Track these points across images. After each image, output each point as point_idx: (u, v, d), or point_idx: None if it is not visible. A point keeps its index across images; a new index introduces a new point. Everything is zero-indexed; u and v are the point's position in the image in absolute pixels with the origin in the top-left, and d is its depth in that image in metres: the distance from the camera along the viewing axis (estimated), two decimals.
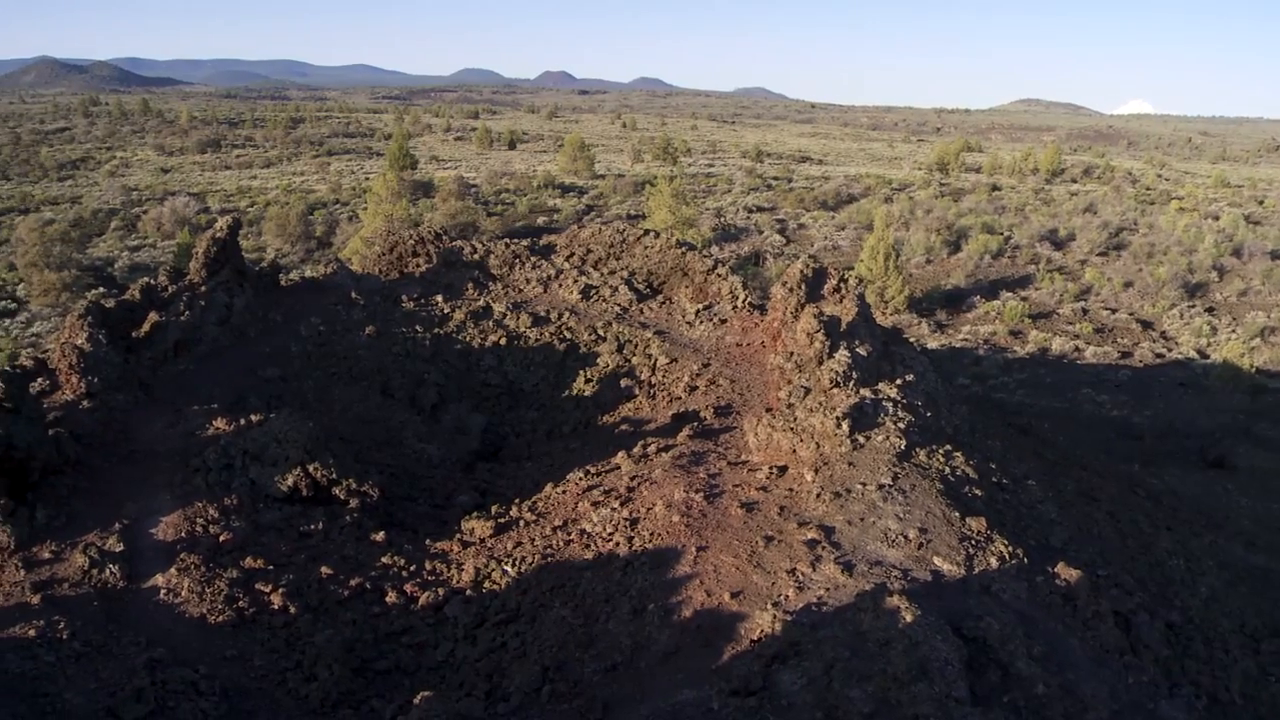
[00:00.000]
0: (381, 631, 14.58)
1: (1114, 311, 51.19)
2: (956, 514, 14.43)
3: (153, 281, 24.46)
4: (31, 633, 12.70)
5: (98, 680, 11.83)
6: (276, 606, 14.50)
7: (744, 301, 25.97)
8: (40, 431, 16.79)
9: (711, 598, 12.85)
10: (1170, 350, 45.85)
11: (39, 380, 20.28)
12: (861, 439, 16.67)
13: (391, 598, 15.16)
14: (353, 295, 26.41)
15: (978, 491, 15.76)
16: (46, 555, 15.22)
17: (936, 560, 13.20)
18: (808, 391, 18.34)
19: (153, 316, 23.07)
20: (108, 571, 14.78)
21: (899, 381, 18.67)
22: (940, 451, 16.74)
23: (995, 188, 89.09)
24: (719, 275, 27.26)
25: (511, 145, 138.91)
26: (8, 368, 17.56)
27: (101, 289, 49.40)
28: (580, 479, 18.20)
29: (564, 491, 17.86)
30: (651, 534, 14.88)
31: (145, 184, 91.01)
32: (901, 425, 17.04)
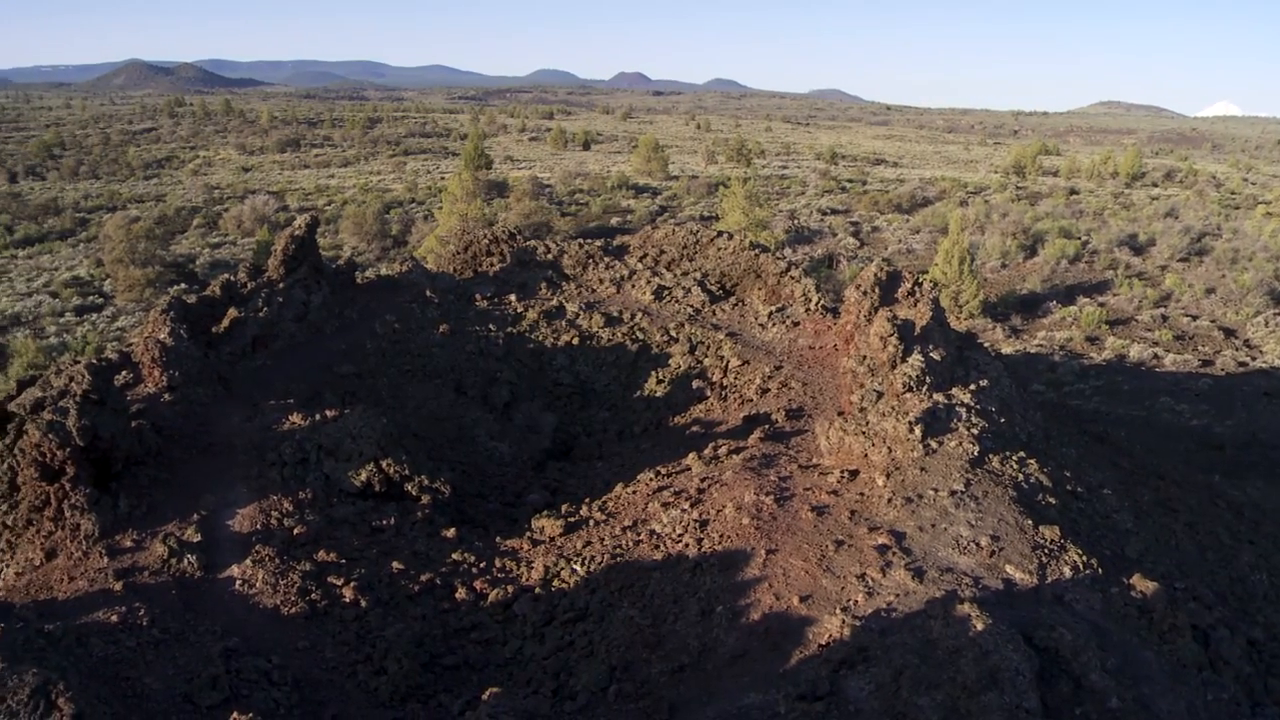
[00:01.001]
0: (450, 627, 14.71)
1: (1195, 318, 50.16)
2: (1029, 522, 14.25)
3: (233, 278, 24.89)
4: (114, 618, 13.02)
5: (175, 667, 12.08)
6: (348, 600, 14.69)
7: (817, 304, 25.86)
8: (124, 423, 17.18)
9: (780, 601, 12.82)
10: (1254, 359, 44.79)
11: (123, 373, 20.74)
12: (934, 444, 16.53)
13: (461, 594, 15.29)
14: (427, 293, 26.68)
15: (1051, 500, 15.54)
16: (128, 544, 15.58)
17: (1008, 568, 13.06)
18: (880, 395, 18.22)
19: (232, 312, 23.49)
20: (186, 561, 15.08)
21: (973, 387, 18.47)
22: (1014, 458, 16.53)
23: (1073, 191, 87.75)
24: (792, 277, 27.17)
25: (586, 146, 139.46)
26: (94, 361, 17.93)
27: (183, 285, 50.44)
28: (650, 479, 18.23)
29: (634, 492, 17.90)
30: (721, 536, 14.87)
31: (226, 182, 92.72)
32: (975, 431, 16.87)
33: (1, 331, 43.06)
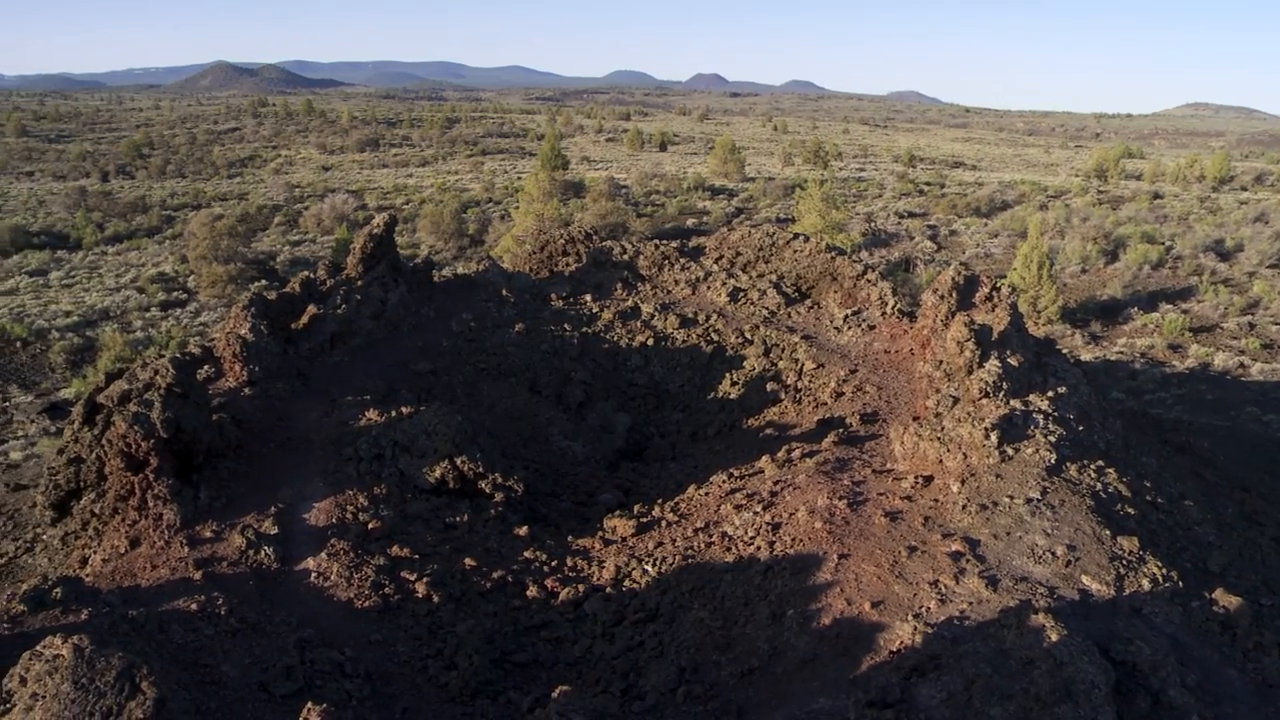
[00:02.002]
0: (521, 624, 14.83)
1: None
2: (1107, 532, 14.03)
3: (312, 275, 25.29)
4: (193, 606, 13.31)
5: (251, 656, 12.32)
6: (421, 595, 14.87)
7: (893, 308, 25.67)
8: (205, 416, 17.55)
9: (851, 606, 12.76)
10: None
11: (205, 368, 21.19)
12: (1010, 451, 16.34)
13: (532, 592, 15.40)
14: (503, 292, 26.89)
15: (1130, 510, 15.29)
16: (208, 534, 15.91)
17: (1085, 579, 12.87)
18: (956, 401, 18.06)
19: (311, 309, 23.86)
20: (263, 553, 15.37)
21: (1050, 394, 18.23)
22: (1092, 467, 16.29)
23: (1157, 195, 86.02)
24: (868, 281, 26.99)
25: (662, 147, 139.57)
26: (178, 355, 18.37)
27: (264, 282, 51.31)
28: (723, 481, 18.23)
29: (707, 493, 17.92)
30: (793, 539, 14.84)
31: (307, 181, 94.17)
32: (1052, 438, 16.65)
33: (91, 325, 44.10)
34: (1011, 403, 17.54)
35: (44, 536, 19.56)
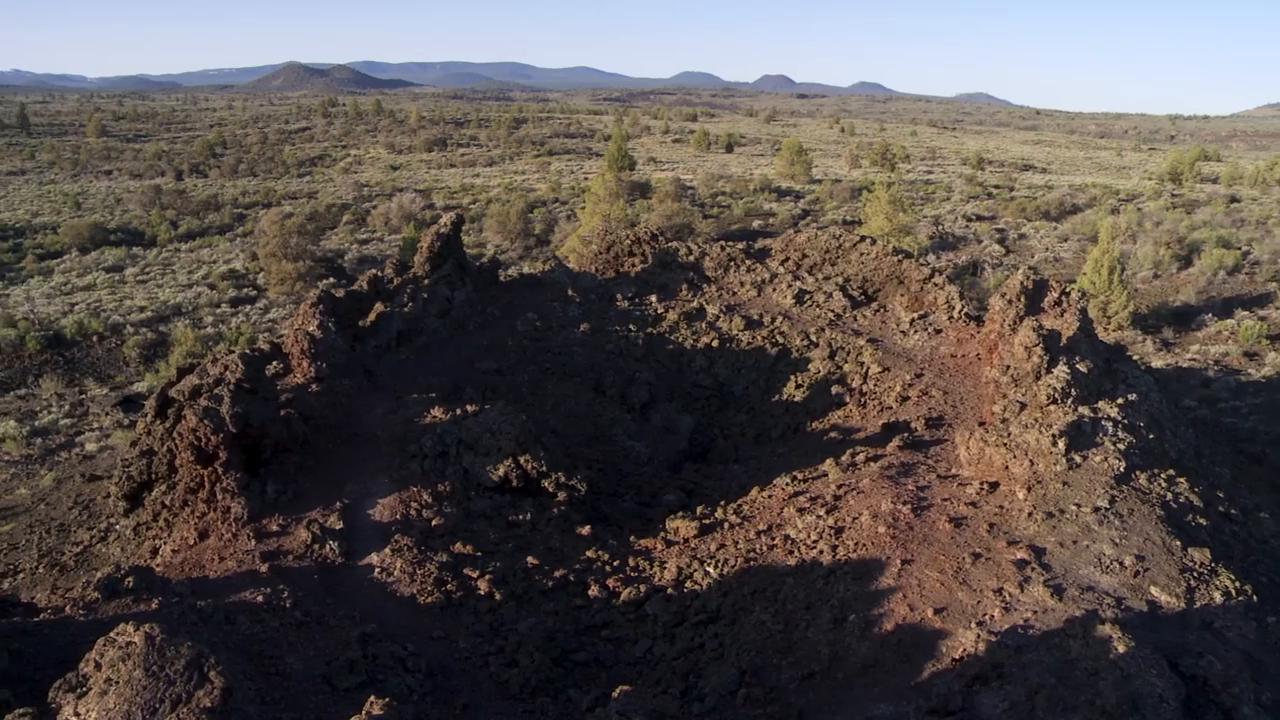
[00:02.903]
0: (582, 623, 14.88)
1: None
2: (1177, 543, 13.79)
3: (380, 274, 25.56)
4: (260, 599, 13.51)
5: (315, 649, 12.47)
6: (483, 592, 14.98)
7: (960, 312, 25.43)
8: (274, 411, 17.81)
9: (914, 612, 12.67)
10: None
11: (274, 364, 21.49)
12: (1078, 459, 16.12)
13: (594, 591, 15.46)
14: (569, 292, 27.00)
15: (1202, 520, 15.02)
16: (274, 528, 16.16)
17: (1154, 590, 12.66)
18: (1023, 407, 17.85)
19: (378, 307, 24.12)
20: (328, 547, 15.57)
21: (1120, 401, 17.96)
22: (1162, 476, 16.02)
23: (1234, 199, 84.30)
24: (935, 284, 26.77)
25: (729, 148, 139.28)
26: (247, 351, 18.67)
27: (332, 279, 51.90)
28: (787, 484, 18.17)
29: (770, 496, 17.86)
30: (856, 543, 14.76)
31: (375, 180, 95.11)
32: (1121, 446, 16.40)
33: (164, 321, 44.89)
34: (1080, 409, 17.31)
35: (117, 526, 19.95)
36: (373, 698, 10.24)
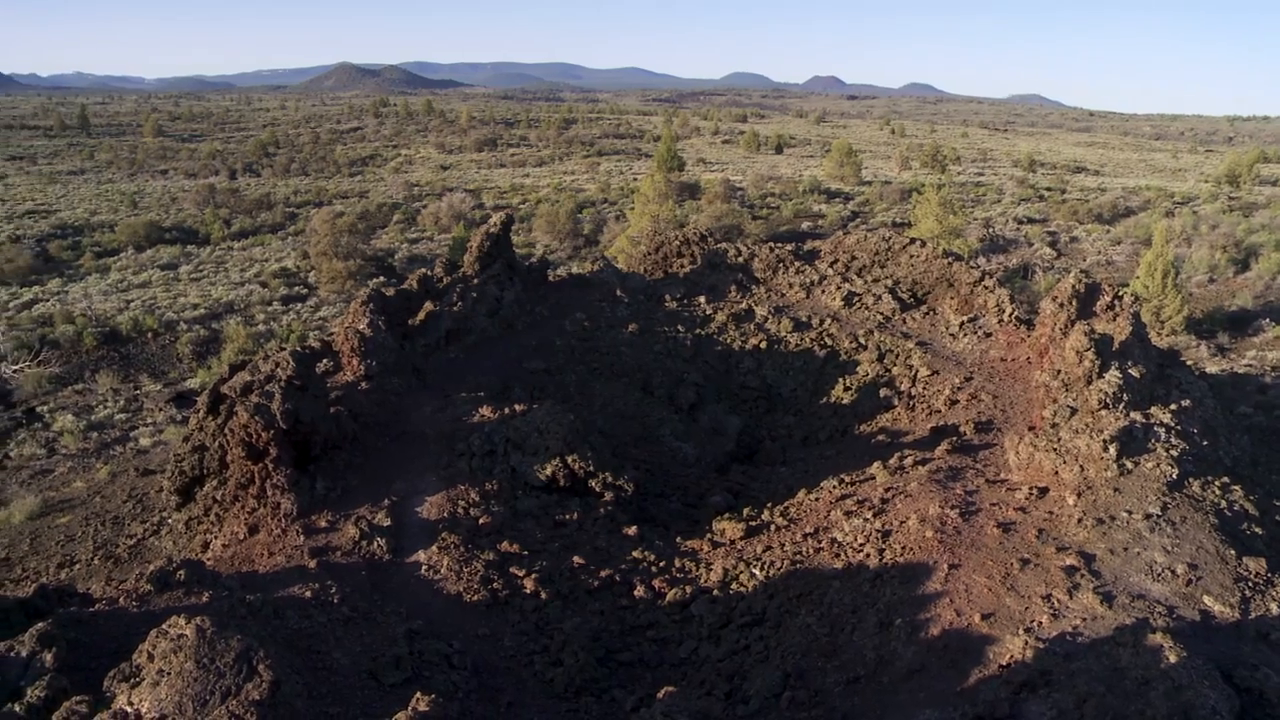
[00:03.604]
0: (628, 624, 14.90)
1: None
2: (1232, 552, 13.60)
3: (429, 273, 25.73)
4: (308, 594, 13.65)
5: (362, 644, 12.57)
6: (529, 591, 15.04)
7: (1010, 315, 25.21)
8: (323, 408, 17.98)
9: (961, 618, 12.58)
10: None
11: (324, 361, 21.69)
12: (1129, 465, 15.95)
13: (639, 591, 15.48)
14: (618, 293, 27.05)
15: (1258, 529, 14.79)
16: (323, 524, 16.31)
17: (1207, 600, 12.49)
18: (1074, 411, 17.68)
19: (428, 306, 24.28)
20: (375, 544, 15.70)
21: (1173, 406, 17.74)
22: (1216, 483, 15.80)
23: None
24: (985, 287, 26.55)
25: (778, 149, 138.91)
26: (298, 349, 18.85)
27: (382, 278, 52.26)
28: (834, 487, 18.11)
29: (817, 499, 17.81)
30: (903, 547, 14.68)
31: (426, 180, 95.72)
32: (1174, 453, 16.19)
33: (216, 318, 45.42)
34: (1132, 415, 17.11)
35: (169, 520, 20.23)
36: (419, 694, 10.31)
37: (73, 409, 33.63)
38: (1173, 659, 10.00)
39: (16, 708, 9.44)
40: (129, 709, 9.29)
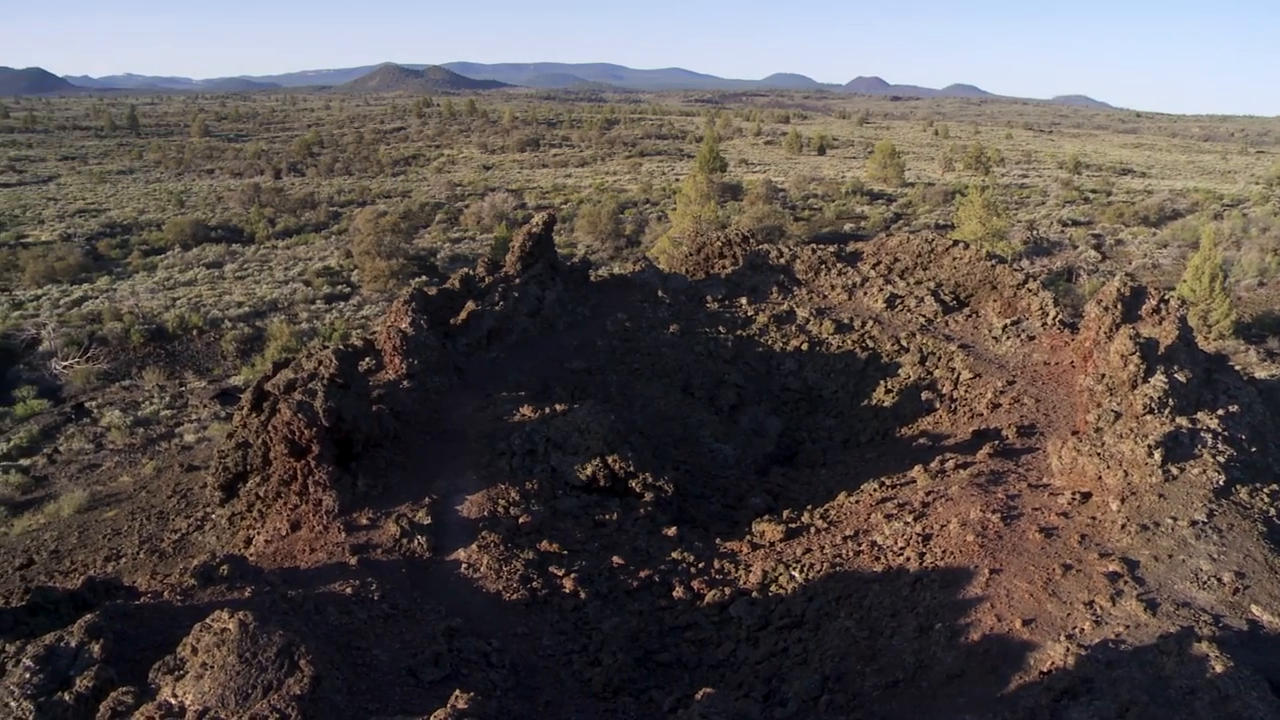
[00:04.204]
0: (666, 624, 14.90)
1: None
2: None
3: (471, 272, 25.84)
4: (348, 590, 13.76)
5: (401, 641, 12.66)
6: (568, 590, 15.06)
7: (1054, 319, 24.99)
8: (365, 407, 18.09)
9: (1002, 623, 12.48)
10: None
11: (366, 360, 21.84)
12: (1175, 470, 15.76)
13: (678, 592, 15.47)
14: (659, 293, 27.05)
15: None
16: (364, 521, 16.41)
17: (1255, 609, 12.32)
18: (1118, 416, 17.50)
19: (470, 305, 24.37)
20: (416, 542, 15.77)
21: (1221, 412, 17.51)
22: (1265, 491, 15.57)
23: None
24: (1029, 290, 26.33)
25: (821, 151, 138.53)
26: (340, 347, 18.97)
27: (424, 277, 52.60)
28: (874, 490, 18.03)
29: (857, 501, 17.74)
30: (944, 551, 14.59)
31: (468, 180, 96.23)
32: (1221, 459, 15.98)
33: (260, 316, 45.86)
34: (1178, 420, 16.91)
35: (213, 515, 20.45)
36: (457, 691, 10.36)
37: (120, 405, 34.08)
38: (1219, 669, 9.87)
39: (66, 696, 9.58)
40: (173, 701, 9.40)
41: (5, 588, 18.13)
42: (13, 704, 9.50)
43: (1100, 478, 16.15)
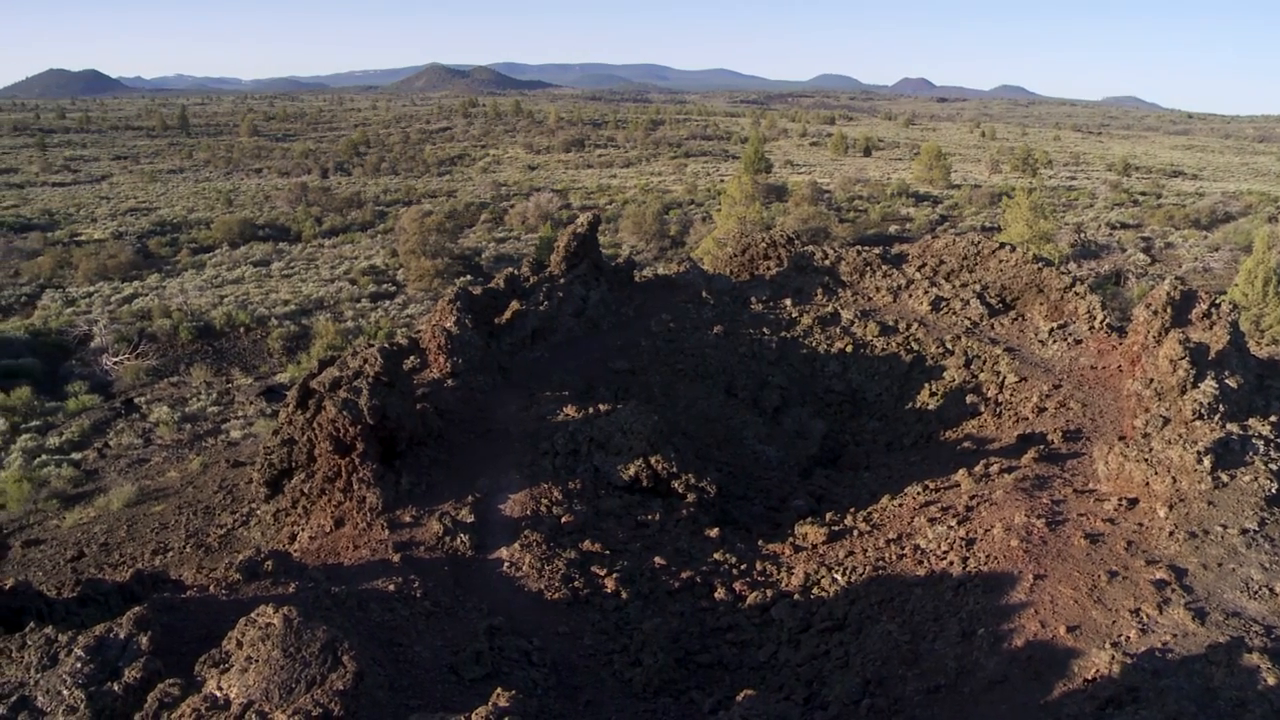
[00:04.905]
0: (707, 626, 14.88)
1: None
2: None
3: (516, 272, 25.92)
4: (391, 587, 13.85)
5: (443, 639, 12.73)
6: (609, 590, 15.09)
7: (1102, 322, 24.72)
8: (410, 405, 18.21)
9: (1045, 629, 12.37)
10: None
11: (411, 358, 21.96)
12: (1225, 477, 15.54)
13: (720, 594, 15.45)
14: (703, 294, 27.03)
15: None
16: (407, 519, 16.52)
17: None
18: (1167, 422, 17.28)
19: (514, 305, 24.46)
20: (458, 540, 15.85)
21: (1273, 418, 17.25)
22: None
23: None
24: (1076, 293, 26.06)
25: (866, 152, 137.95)
26: (385, 345, 19.10)
27: (469, 277, 52.88)
28: (918, 493, 17.92)
29: (900, 504, 17.64)
30: (987, 556, 14.47)
31: (513, 180, 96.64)
32: (1273, 466, 15.75)
33: (306, 314, 46.27)
34: (1228, 426, 16.68)
35: (258, 511, 20.64)
36: (499, 690, 10.39)
37: (168, 401, 34.49)
38: (1271, 681, 9.73)
39: (115, 687, 9.72)
40: (218, 694, 9.50)
41: (57, 579, 18.39)
42: (65, 692, 9.65)
43: (1148, 484, 15.95)
